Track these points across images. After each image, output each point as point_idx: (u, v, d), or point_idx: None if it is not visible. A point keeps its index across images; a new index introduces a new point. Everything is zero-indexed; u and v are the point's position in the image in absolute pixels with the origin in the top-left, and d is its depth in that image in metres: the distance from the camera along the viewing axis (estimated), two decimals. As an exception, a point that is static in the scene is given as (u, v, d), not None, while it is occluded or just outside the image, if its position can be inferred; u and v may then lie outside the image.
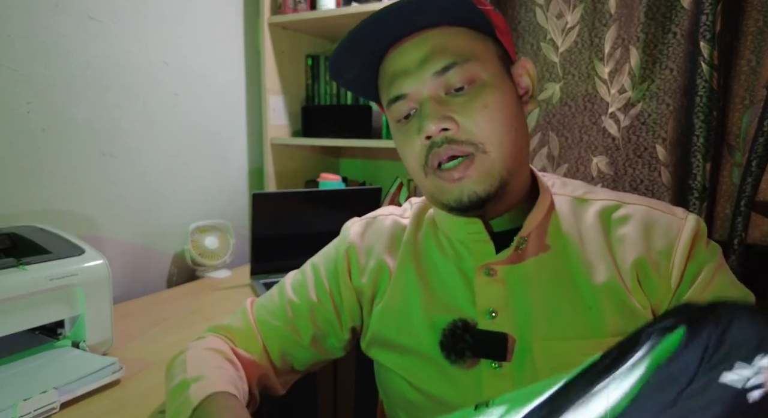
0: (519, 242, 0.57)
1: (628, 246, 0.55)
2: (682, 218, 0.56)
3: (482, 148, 0.53)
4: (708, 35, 1.04)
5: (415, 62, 0.54)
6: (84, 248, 0.88)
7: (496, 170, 0.54)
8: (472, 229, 0.59)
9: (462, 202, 0.54)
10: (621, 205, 0.59)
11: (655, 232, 0.56)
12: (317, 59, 1.74)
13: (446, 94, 0.54)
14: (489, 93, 0.54)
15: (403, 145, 0.58)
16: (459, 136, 0.53)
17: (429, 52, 0.54)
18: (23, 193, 1.08)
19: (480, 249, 0.59)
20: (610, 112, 1.22)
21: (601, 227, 0.57)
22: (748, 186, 1.00)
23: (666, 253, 0.54)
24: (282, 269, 1.32)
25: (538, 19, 1.27)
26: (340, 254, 0.69)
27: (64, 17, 1.12)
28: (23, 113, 1.06)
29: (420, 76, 0.54)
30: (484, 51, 0.56)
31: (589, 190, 0.62)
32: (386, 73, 0.57)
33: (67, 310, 0.84)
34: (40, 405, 0.69)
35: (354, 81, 0.61)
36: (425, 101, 0.54)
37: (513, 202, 0.59)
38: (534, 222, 0.58)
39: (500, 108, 0.54)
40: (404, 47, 0.55)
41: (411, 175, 0.60)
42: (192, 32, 1.42)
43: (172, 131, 1.39)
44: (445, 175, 0.54)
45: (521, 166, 0.58)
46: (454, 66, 0.53)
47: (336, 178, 1.59)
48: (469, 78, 0.54)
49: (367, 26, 0.53)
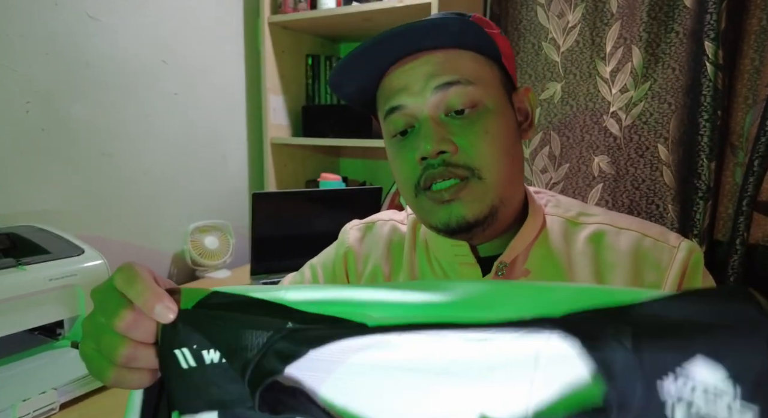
0: (498, 267, 0.56)
1: (618, 281, 0.54)
2: (674, 246, 0.54)
3: (478, 174, 0.52)
4: (712, 34, 1.03)
5: (417, 79, 0.53)
6: (83, 248, 0.88)
7: (489, 197, 0.52)
8: (458, 251, 0.58)
9: (449, 225, 0.53)
10: (613, 231, 0.57)
11: (645, 262, 0.54)
12: (317, 59, 1.73)
13: (446, 115, 0.53)
14: (490, 119, 0.53)
15: (397, 161, 0.57)
16: (456, 160, 0.52)
17: (433, 69, 0.53)
18: (22, 193, 1.07)
19: (466, 272, 0.58)
20: (611, 112, 1.21)
21: (592, 254, 0.56)
22: (750, 186, 1.00)
23: (655, 285, 0.53)
24: (282, 268, 1.32)
25: (539, 19, 1.27)
26: (338, 257, 0.69)
27: (63, 16, 1.11)
28: (22, 113, 1.06)
29: (422, 92, 0.53)
30: (490, 76, 0.55)
31: (582, 210, 0.60)
32: (387, 87, 0.56)
33: (66, 310, 0.84)
34: (40, 406, 0.68)
35: (353, 95, 0.60)
36: (424, 121, 0.53)
37: (502, 229, 0.57)
38: (518, 248, 0.57)
39: (500, 135, 0.53)
40: (408, 65, 0.54)
41: (401, 192, 0.59)
42: (192, 31, 1.41)
43: (171, 131, 1.39)
44: (435, 196, 0.53)
45: (514, 193, 0.56)
46: (457, 84, 0.52)
47: (336, 178, 1.59)
48: (471, 101, 0.52)
49: (372, 46, 0.52)
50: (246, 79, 1.61)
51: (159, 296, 0.33)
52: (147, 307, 0.33)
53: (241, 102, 1.61)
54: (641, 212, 1.22)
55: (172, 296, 0.34)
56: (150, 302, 0.32)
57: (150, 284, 0.33)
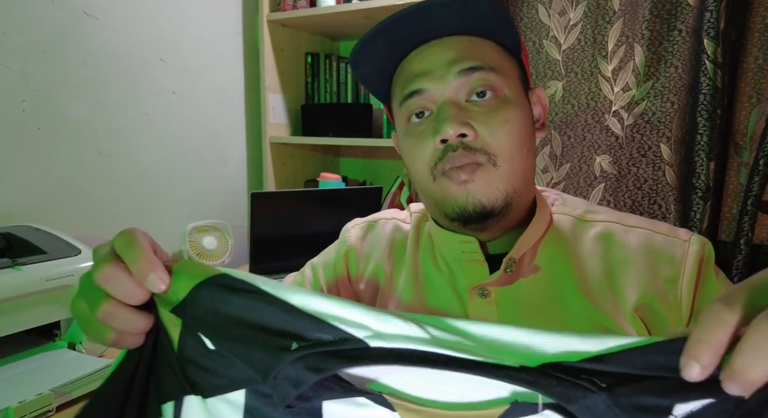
0: (507, 263, 0.55)
1: (631, 277, 0.54)
2: (686, 240, 0.54)
3: (493, 160, 0.51)
4: (712, 32, 1.02)
5: (439, 63, 0.53)
6: (80, 248, 0.87)
7: (502, 185, 0.52)
8: (466, 247, 0.57)
9: (466, 210, 0.52)
10: (622, 229, 0.57)
11: (659, 258, 0.54)
12: (317, 57, 1.72)
13: (467, 101, 0.53)
14: (510, 109, 0.53)
15: (413, 146, 0.55)
16: (475, 144, 0.51)
17: (456, 54, 0.52)
18: (18, 192, 1.06)
19: (473, 269, 0.57)
20: (613, 111, 1.21)
21: (601, 253, 0.56)
22: (755, 185, 0.99)
23: (672, 280, 0.53)
24: (281, 269, 1.31)
25: (540, 16, 1.26)
26: (339, 256, 0.68)
27: (60, 13, 1.10)
28: (18, 111, 1.05)
29: (444, 76, 0.52)
30: (510, 68, 0.55)
31: (589, 209, 0.60)
32: (405, 71, 0.55)
33: (63, 311, 0.83)
34: (36, 408, 0.68)
35: (370, 78, 0.59)
36: (445, 104, 0.52)
37: (512, 224, 0.57)
38: (526, 245, 0.56)
39: (519, 126, 0.53)
40: (429, 49, 0.54)
41: (415, 180, 0.58)
42: (190, 29, 1.40)
43: (169, 130, 1.38)
44: (453, 175, 0.52)
45: (526, 188, 0.56)
46: (480, 69, 0.52)
47: (336, 177, 1.58)
48: (494, 86, 0.52)
49: (398, 20, 0.51)
50: (245, 78, 1.60)
51: (153, 264, 0.33)
52: (141, 274, 0.32)
53: (239, 101, 1.60)
54: (643, 212, 1.21)
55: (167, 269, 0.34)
56: (144, 270, 0.32)
57: (146, 252, 0.33)
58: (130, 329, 0.33)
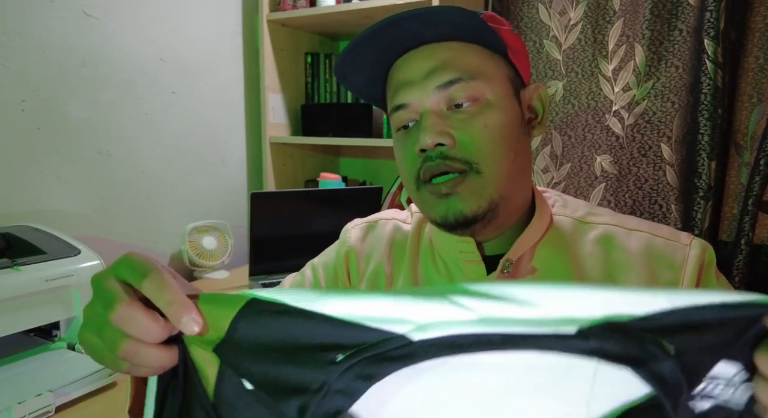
0: (504, 264, 0.55)
1: (631, 281, 0.53)
2: (687, 244, 0.54)
3: (476, 168, 0.51)
4: (712, 32, 1.02)
5: (420, 74, 0.53)
6: (80, 249, 0.87)
7: (487, 192, 0.52)
8: (464, 248, 0.57)
9: (447, 220, 0.52)
10: (623, 232, 0.56)
11: (659, 262, 0.54)
12: (317, 57, 1.72)
13: (448, 109, 0.53)
14: (491, 113, 0.52)
15: (400, 155, 0.57)
16: (454, 153, 0.51)
17: (435, 65, 0.52)
18: (18, 192, 1.06)
19: (470, 270, 0.57)
20: (614, 111, 1.20)
21: (601, 256, 0.55)
22: (756, 185, 0.99)
23: (672, 284, 0.53)
24: (281, 269, 1.31)
25: (540, 16, 1.26)
26: (340, 256, 0.68)
27: (60, 13, 1.10)
28: (17, 111, 1.05)
29: (424, 88, 0.53)
30: (494, 70, 0.54)
31: (590, 211, 0.60)
32: (393, 79, 0.56)
33: (62, 311, 0.83)
34: (35, 408, 0.67)
35: (361, 85, 0.60)
36: (425, 114, 0.53)
37: (507, 226, 0.57)
38: (524, 246, 0.56)
39: (501, 129, 0.52)
40: (412, 58, 0.54)
41: (405, 186, 0.59)
42: (190, 29, 1.40)
43: (169, 130, 1.37)
44: (434, 190, 0.52)
45: (518, 190, 0.56)
46: (459, 81, 0.52)
47: (336, 177, 1.58)
48: (473, 96, 0.52)
49: (374, 32, 0.52)
50: (245, 78, 1.60)
51: (186, 307, 0.32)
52: (175, 317, 0.31)
53: (239, 100, 1.60)
54: (644, 212, 1.21)
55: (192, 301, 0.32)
56: (178, 314, 0.31)
57: (179, 295, 0.32)
58: (152, 365, 0.33)
